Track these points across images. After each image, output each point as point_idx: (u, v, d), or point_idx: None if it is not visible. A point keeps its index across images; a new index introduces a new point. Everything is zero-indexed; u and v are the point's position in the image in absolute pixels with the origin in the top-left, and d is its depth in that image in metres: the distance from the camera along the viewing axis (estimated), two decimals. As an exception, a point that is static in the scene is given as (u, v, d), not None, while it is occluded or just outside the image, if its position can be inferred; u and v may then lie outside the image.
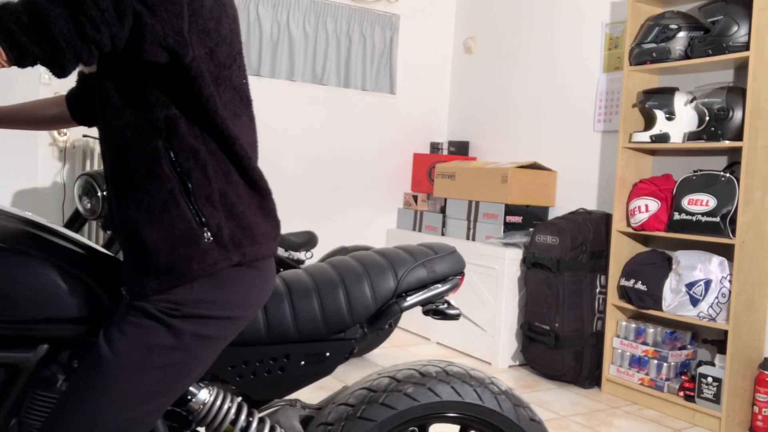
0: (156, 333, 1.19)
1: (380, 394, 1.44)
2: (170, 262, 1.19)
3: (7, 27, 1.06)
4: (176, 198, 1.19)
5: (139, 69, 1.17)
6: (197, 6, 1.15)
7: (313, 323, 1.37)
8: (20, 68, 1.11)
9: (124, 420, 1.18)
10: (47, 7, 1.07)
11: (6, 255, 1.20)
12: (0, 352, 1.22)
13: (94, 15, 1.07)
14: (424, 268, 1.45)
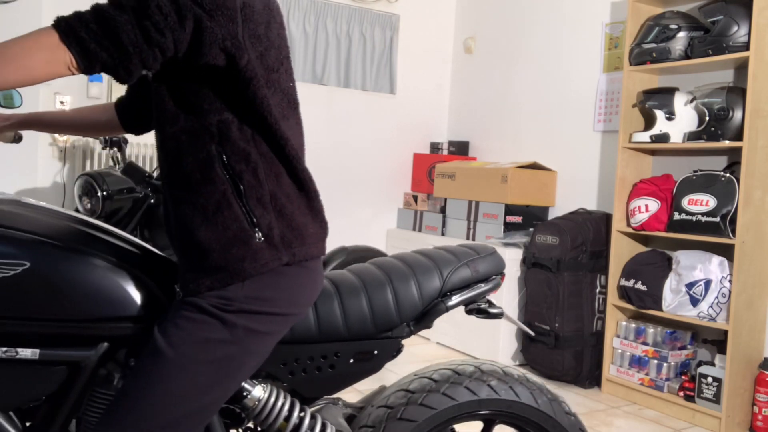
0: (210, 327, 1.23)
1: (419, 395, 1.47)
2: (223, 261, 1.23)
3: (77, 34, 1.09)
4: (229, 200, 1.23)
5: (194, 74, 1.21)
6: (249, 11, 1.19)
7: (363, 322, 1.40)
8: (86, 75, 1.18)
9: (181, 413, 1.22)
10: (114, 14, 1.10)
11: (67, 255, 1.24)
12: (62, 350, 1.26)
13: (159, 20, 1.11)
14: (468, 268, 1.49)
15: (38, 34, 1.10)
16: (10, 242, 1.21)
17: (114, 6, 1.11)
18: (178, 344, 1.21)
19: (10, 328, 1.22)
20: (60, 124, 1.64)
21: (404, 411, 1.45)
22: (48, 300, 1.22)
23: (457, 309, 1.51)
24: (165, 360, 1.20)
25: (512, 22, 4.83)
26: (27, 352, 1.24)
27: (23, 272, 1.20)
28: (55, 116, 1.64)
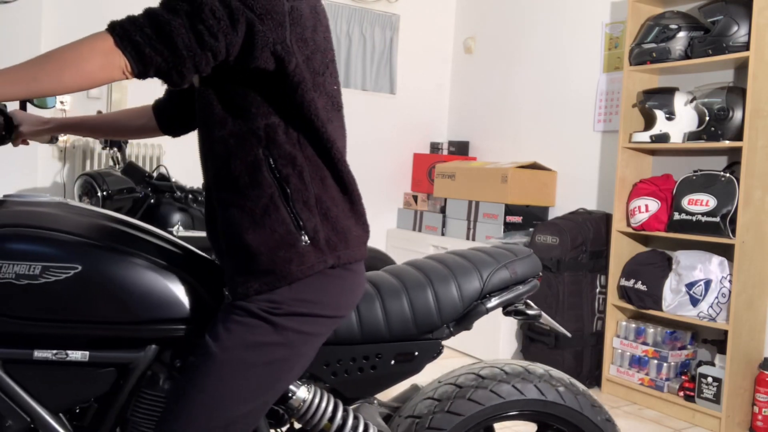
0: (260, 330, 1.24)
1: (466, 390, 1.48)
2: (271, 264, 1.24)
3: (132, 39, 1.10)
4: (276, 203, 1.24)
5: (243, 78, 1.23)
6: (296, 15, 1.21)
7: (404, 323, 1.41)
8: (139, 80, 1.19)
9: (234, 415, 1.23)
10: (168, 18, 1.11)
11: (117, 258, 1.25)
12: (111, 352, 1.28)
13: (212, 24, 1.12)
14: (507, 269, 1.50)
15: (93, 39, 1.10)
16: (61, 246, 1.23)
17: (167, 10, 1.12)
18: (230, 348, 1.23)
19: (60, 331, 1.24)
20: (97, 128, 1.64)
21: (452, 405, 1.46)
22: (98, 303, 1.23)
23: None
24: (217, 363, 1.22)
25: (512, 22, 4.83)
26: (77, 354, 1.26)
27: (75, 275, 1.22)
28: (93, 120, 1.64)
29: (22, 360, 1.25)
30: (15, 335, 1.24)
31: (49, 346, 1.26)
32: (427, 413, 1.46)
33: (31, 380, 1.26)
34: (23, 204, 1.32)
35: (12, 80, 1.08)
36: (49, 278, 1.21)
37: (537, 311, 1.54)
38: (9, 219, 1.25)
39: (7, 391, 1.25)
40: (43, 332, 1.24)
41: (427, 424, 1.45)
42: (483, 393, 1.47)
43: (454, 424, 1.45)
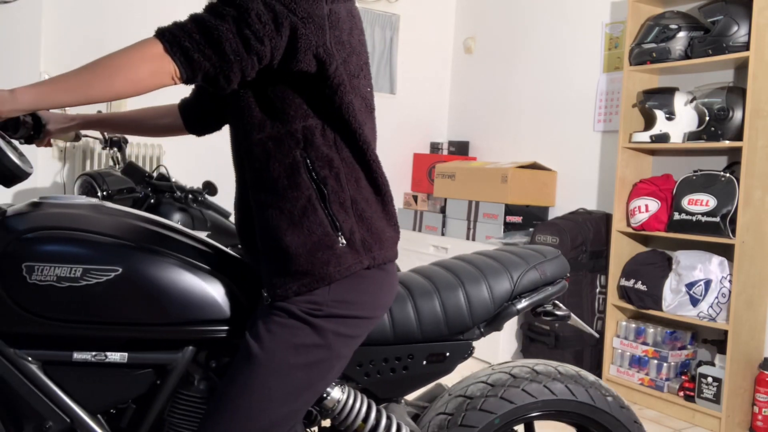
0: (301, 332, 1.25)
1: (498, 388, 1.49)
2: (309, 265, 1.25)
3: (181, 44, 1.11)
4: (314, 204, 1.25)
5: (282, 81, 1.24)
6: (334, 18, 1.23)
7: (436, 324, 1.42)
8: (186, 85, 1.22)
9: (277, 416, 1.25)
10: (216, 23, 1.12)
11: (156, 260, 1.26)
12: (150, 353, 1.29)
13: (258, 28, 1.13)
14: (536, 271, 1.51)
15: (143, 46, 1.12)
16: (102, 248, 1.24)
17: (215, 15, 1.13)
18: (272, 350, 1.24)
19: (99, 333, 1.25)
20: (122, 125, 1.64)
21: (484, 402, 1.48)
22: (138, 305, 1.24)
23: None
24: (261, 365, 1.23)
25: (512, 22, 4.83)
26: (116, 356, 1.27)
27: (115, 278, 1.23)
28: (118, 117, 1.64)
29: (62, 362, 1.26)
30: (55, 337, 1.25)
31: (88, 347, 1.26)
32: (458, 411, 1.47)
33: (70, 381, 1.27)
34: (60, 206, 1.32)
35: (66, 88, 1.09)
36: (90, 280, 1.22)
37: (566, 312, 1.55)
38: (48, 221, 1.26)
39: (47, 392, 1.26)
40: (82, 334, 1.25)
41: (459, 422, 1.46)
42: (515, 392, 1.48)
43: (485, 422, 1.46)
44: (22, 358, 1.25)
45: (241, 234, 1.38)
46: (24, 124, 1.51)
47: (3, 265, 1.21)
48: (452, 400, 1.50)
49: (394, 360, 1.42)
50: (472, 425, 1.45)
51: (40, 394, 1.25)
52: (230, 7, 1.13)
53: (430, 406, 1.54)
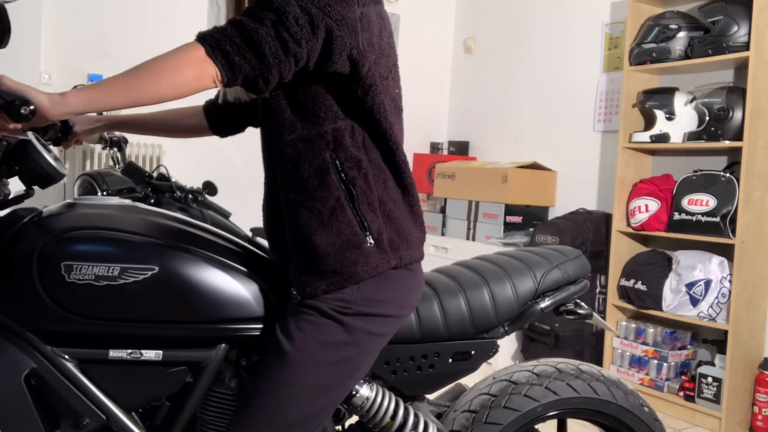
0: (331, 330, 1.28)
1: (522, 386, 1.52)
2: (338, 264, 1.27)
3: (222, 48, 1.14)
4: (343, 205, 1.28)
5: (315, 83, 1.27)
6: (366, 21, 1.26)
7: (462, 323, 1.45)
8: (226, 87, 1.24)
9: (308, 412, 1.28)
10: (256, 27, 1.15)
11: (191, 259, 1.29)
12: (184, 351, 1.31)
13: (296, 31, 1.16)
14: (559, 270, 1.54)
15: (185, 50, 1.15)
16: (138, 247, 1.26)
17: (254, 19, 1.16)
18: (302, 347, 1.26)
19: (136, 331, 1.27)
20: (147, 126, 1.67)
21: (508, 400, 1.51)
22: (173, 303, 1.26)
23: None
24: (292, 362, 1.26)
25: (512, 22, 4.83)
26: (151, 354, 1.29)
27: (152, 277, 1.25)
28: (143, 118, 1.67)
29: (98, 359, 1.28)
30: (91, 335, 1.27)
31: (123, 345, 1.28)
32: (482, 408, 1.49)
33: (106, 379, 1.29)
34: (94, 206, 1.35)
35: (113, 91, 1.12)
36: (127, 279, 1.24)
37: (588, 310, 1.57)
38: (85, 221, 1.28)
39: (83, 389, 1.28)
40: (118, 332, 1.27)
41: (483, 419, 1.48)
42: (538, 389, 1.50)
43: (510, 420, 1.48)
44: (59, 356, 1.27)
45: (269, 234, 1.40)
46: (53, 127, 1.53)
47: (41, 264, 1.23)
48: (476, 398, 1.52)
49: (420, 358, 1.44)
50: (497, 422, 1.48)
51: (77, 392, 1.27)
52: (269, 11, 1.16)
53: (454, 404, 1.56)
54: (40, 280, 1.23)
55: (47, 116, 1.11)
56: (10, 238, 1.25)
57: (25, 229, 1.26)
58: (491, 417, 1.48)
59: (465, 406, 1.52)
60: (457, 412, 1.52)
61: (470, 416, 1.49)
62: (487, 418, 1.48)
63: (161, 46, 4.60)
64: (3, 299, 1.25)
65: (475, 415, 1.49)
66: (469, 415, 1.49)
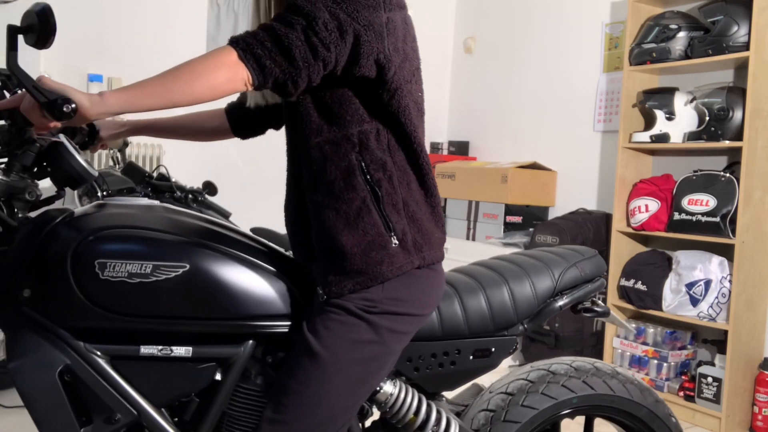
0: (358, 328, 1.31)
1: (539, 384, 1.55)
2: (363, 264, 1.30)
3: (254, 51, 1.18)
4: (368, 206, 1.31)
5: (342, 87, 1.31)
6: (392, 26, 1.29)
7: (482, 320, 1.48)
8: (256, 90, 1.31)
9: (336, 410, 1.31)
10: (286, 31, 1.19)
11: (220, 257, 1.32)
12: (213, 348, 1.34)
13: (325, 36, 1.20)
14: (577, 268, 1.57)
15: (219, 53, 1.18)
16: (170, 246, 1.30)
17: (284, 24, 1.20)
18: (330, 345, 1.29)
19: (167, 327, 1.30)
20: (171, 129, 1.71)
21: (526, 398, 1.54)
22: (203, 299, 1.30)
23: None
24: (321, 360, 1.29)
25: (512, 22, 4.83)
26: (181, 350, 1.32)
27: (183, 274, 1.28)
28: (167, 122, 1.70)
29: (130, 356, 1.31)
30: (123, 332, 1.30)
31: (154, 341, 1.31)
32: (501, 407, 1.52)
33: (137, 375, 1.32)
34: (124, 207, 1.38)
35: (150, 92, 1.15)
36: (159, 276, 1.27)
37: (605, 308, 1.60)
38: (117, 220, 1.31)
39: (115, 385, 1.30)
40: (150, 329, 1.30)
41: (502, 417, 1.51)
42: (555, 387, 1.53)
43: (528, 418, 1.51)
44: (91, 353, 1.29)
45: (292, 233, 1.44)
46: (80, 131, 1.57)
47: (76, 263, 1.26)
48: (494, 397, 1.55)
49: (442, 355, 1.47)
50: (516, 420, 1.50)
51: (109, 387, 1.30)
52: (299, 17, 1.19)
53: (472, 403, 1.59)
54: (74, 278, 1.26)
55: (87, 115, 1.14)
56: (44, 238, 1.28)
57: (58, 229, 1.29)
58: (509, 415, 1.51)
59: (483, 405, 1.55)
60: (475, 411, 1.55)
61: (488, 415, 1.52)
62: (505, 417, 1.51)
63: (161, 46, 4.63)
64: (38, 297, 1.27)
65: (494, 414, 1.52)
66: (487, 414, 1.53)
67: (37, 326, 1.28)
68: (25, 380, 1.27)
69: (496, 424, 1.50)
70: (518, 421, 1.51)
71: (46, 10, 1.13)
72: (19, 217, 1.31)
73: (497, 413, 1.52)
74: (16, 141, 1.28)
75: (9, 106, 1.25)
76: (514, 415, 1.51)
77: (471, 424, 1.53)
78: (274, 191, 4.41)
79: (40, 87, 1.13)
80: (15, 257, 1.27)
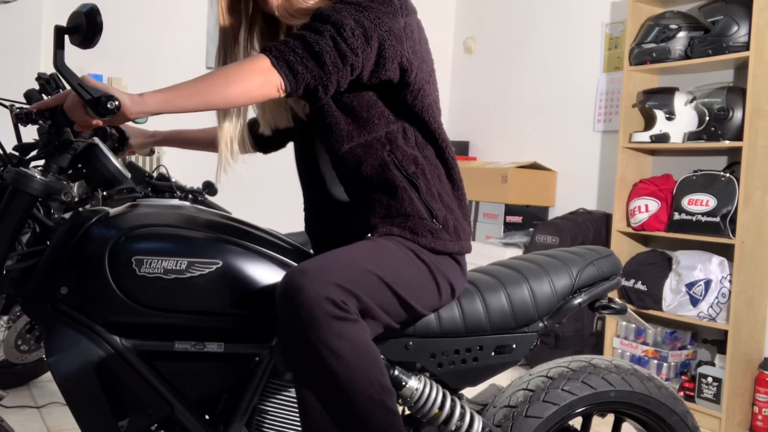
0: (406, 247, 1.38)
1: (560, 380, 1.57)
2: (411, 227, 1.38)
3: (287, 58, 1.24)
4: (410, 195, 1.39)
5: (367, 91, 1.39)
6: (409, 30, 1.38)
7: (504, 317, 1.52)
8: (289, 97, 1.33)
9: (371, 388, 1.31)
10: (316, 38, 1.26)
11: (249, 254, 1.36)
12: (244, 344, 1.38)
13: (352, 42, 1.27)
14: (594, 267, 1.61)
15: (253, 60, 1.25)
16: (203, 243, 1.34)
17: (314, 32, 1.27)
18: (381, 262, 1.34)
19: (200, 323, 1.34)
20: (197, 142, 1.77)
21: (546, 394, 1.56)
22: (235, 295, 1.34)
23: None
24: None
25: (512, 22, 4.83)
26: (213, 346, 1.36)
27: (216, 270, 1.32)
28: (193, 135, 1.78)
29: (164, 351, 1.35)
30: (157, 327, 1.34)
31: (188, 337, 1.35)
32: (522, 403, 1.55)
33: (171, 370, 1.36)
34: (157, 206, 1.43)
35: (187, 94, 1.20)
36: (194, 273, 1.32)
37: (622, 306, 1.63)
38: (152, 219, 1.36)
39: (149, 380, 1.33)
40: (184, 324, 1.34)
41: (524, 413, 1.53)
42: (575, 384, 1.56)
43: (550, 412, 1.53)
44: (127, 348, 1.33)
45: (315, 231, 1.52)
46: (111, 137, 1.60)
47: (113, 260, 1.30)
48: (515, 394, 1.57)
49: (465, 351, 1.50)
50: (537, 416, 1.53)
51: (144, 382, 1.33)
52: (327, 24, 1.27)
53: (493, 400, 1.61)
54: (111, 275, 1.30)
55: (128, 113, 1.17)
56: (80, 237, 1.32)
57: (95, 228, 1.33)
58: (530, 411, 1.54)
59: (504, 402, 1.58)
60: (496, 408, 1.57)
61: (510, 411, 1.55)
62: (527, 413, 1.53)
63: (161, 46, 4.63)
64: (75, 294, 1.31)
65: (515, 410, 1.54)
66: (508, 411, 1.55)
67: (73, 322, 1.32)
68: (63, 374, 1.30)
69: (518, 420, 1.53)
70: (557, 403, 1.54)
71: (94, 11, 1.15)
72: (54, 217, 1.36)
73: (518, 409, 1.54)
74: (54, 142, 1.31)
75: (52, 104, 1.27)
76: (535, 411, 1.54)
77: (493, 420, 1.55)
78: (274, 191, 4.41)
79: (85, 84, 1.16)
80: (52, 256, 1.31)
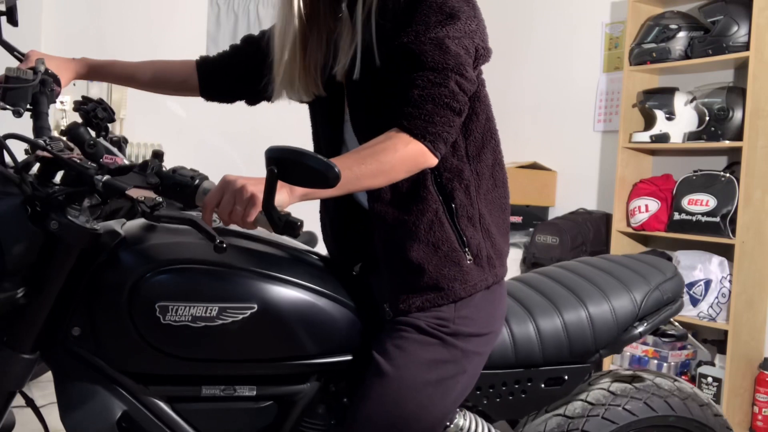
0: (431, 348, 1.22)
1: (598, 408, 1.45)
2: (435, 281, 1.23)
3: (442, 136, 1.18)
4: (441, 219, 1.24)
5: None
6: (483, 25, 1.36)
7: (558, 349, 1.38)
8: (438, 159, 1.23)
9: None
10: (446, 92, 1.19)
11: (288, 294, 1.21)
12: (278, 386, 1.25)
13: (471, 75, 1.24)
14: (659, 291, 1.47)
15: (405, 150, 1.15)
16: (237, 284, 1.18)
17: (439, 85, 1.18)
18: (403, 366, 1.20)
19: (231, 371, 1.22)
20: (131, 76, 1.52)
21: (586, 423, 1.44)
22: (270, 341, 1.20)
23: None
24: (393, 382, 1.19)
25: (512, 22, 4.83)
26: (245, 389, 1.23)
27: (251, 315, 1.17)
28: (128, 67, 1.52)
29: (191, 397, 1.22)
30: (184, 375, 1.22)
31: (217, 382, 1.22)
32: (580, 416, 1.43)
33: (198, 416, 1.23)
34: (178, 233, 1.24)
35: (339, 185, 1.08)
36: (226, 319, 1.16)
37: (683, 331, 1.52)
38: (174, 253, 1.19)
39: (175, 428, 1.20)
40: (214, 373, 1.21)
41: (580, 427, 1.42)
42: (615, 411, 1.43)
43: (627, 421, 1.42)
44: (150, 396, 1.20)
45: (336, 241, 1.37)
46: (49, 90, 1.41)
47: (134, 305, 1.15)
48: (571, 403, 1.45)
49: (513, 384, 1.38)
50: (614, 420, 1.42)
51: (169, 431, 1.20)
52: (451, 72, 1.19)
53: (526, 425, 1.49)
54: (133, 322, 1.15)
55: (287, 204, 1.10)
56: (95, 271, 1.17)
57: (111, 261, 1.17)
58: (587, 426, 1.42)
59: (559, 408, 1.47)
60: (549, 414, 1.46)
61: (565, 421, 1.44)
62: (583, 426, 1.42)
63: (161, 45, 4.64)
64: (89, 337, 1.17)
65: (572, 422, 1.43)
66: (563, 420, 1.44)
67: (95, 371, 1.17)
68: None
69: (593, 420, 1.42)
70: (616, 422, 1.41)
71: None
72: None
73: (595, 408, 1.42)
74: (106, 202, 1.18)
75: (210, 207, 1.10)
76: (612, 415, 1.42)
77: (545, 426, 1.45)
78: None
79: (273, 212, 1.01)
80: (61, 288, 1.15)
